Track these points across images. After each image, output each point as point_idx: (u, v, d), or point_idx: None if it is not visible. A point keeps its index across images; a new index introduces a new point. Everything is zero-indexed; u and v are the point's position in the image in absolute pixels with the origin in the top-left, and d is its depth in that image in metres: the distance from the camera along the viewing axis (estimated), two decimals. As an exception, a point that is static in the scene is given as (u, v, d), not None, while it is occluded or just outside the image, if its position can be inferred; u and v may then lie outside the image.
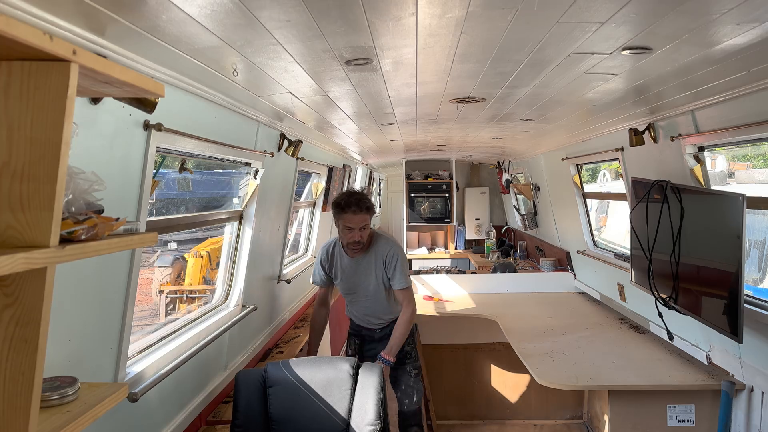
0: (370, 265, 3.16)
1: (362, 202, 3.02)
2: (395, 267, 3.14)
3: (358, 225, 3.02)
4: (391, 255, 3.14)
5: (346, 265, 3.22)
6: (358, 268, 3.19)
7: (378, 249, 3.15)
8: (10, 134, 0.88)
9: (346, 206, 3.00)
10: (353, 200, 3.01)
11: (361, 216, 3.01)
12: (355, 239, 3.04)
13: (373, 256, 3.15)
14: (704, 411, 2.84)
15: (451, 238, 8.46)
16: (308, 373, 2.36)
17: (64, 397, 1.16)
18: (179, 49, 1.60)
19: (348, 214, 3.01)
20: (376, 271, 3.15)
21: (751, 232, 2.73)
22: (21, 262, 0.82)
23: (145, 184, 1.83)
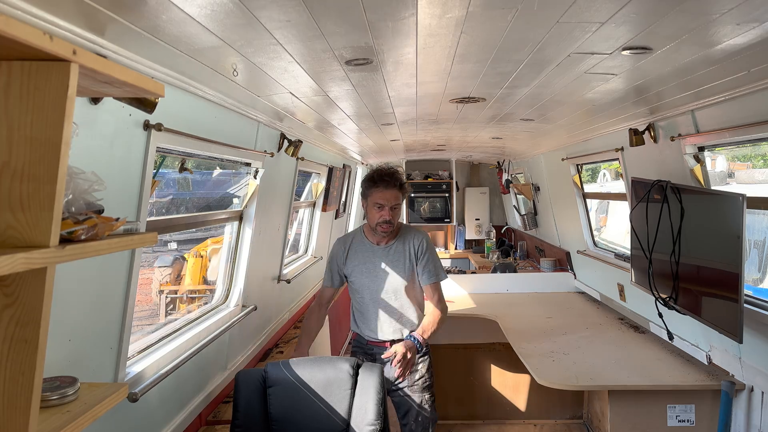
0: (399, 254, 2.82)
1: (395, 177, 2.73)
2: (428, 256, 2.81)
3: (390, 202, 2.71)
4: (422, 243, 2.82)
5: (369, 255, 2.85)
6: (384, 257, 2.83)
7: (407, 237, 2.85)
8: (10, 134, 0.89)
9: (378, 180, 2.72)
10: (385, 174, 2.72)
11: (392, 192, 2.71)
12: (386, 218, 2.71)
13: (402, 244, 2.84)
14: (704, 411, 2.84)
15: (451, 238, 8.46)
16: (308, 373, 2.35)
17: (64, 397, 1.16)
18: (179, 49, 1.60)
19: (379, 188, 2.71)
20: (406, 262, 2.81)
21: (751, 232, 2.73)
22: (21, 262, 0.82)
23: (145, 184, 1.83)
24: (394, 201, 2.72)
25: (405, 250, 2.82)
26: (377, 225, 2.75)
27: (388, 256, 2.83)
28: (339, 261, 2.91)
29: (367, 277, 2.84)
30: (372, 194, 2.74)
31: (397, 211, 2.75)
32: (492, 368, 4.49)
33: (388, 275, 2.81)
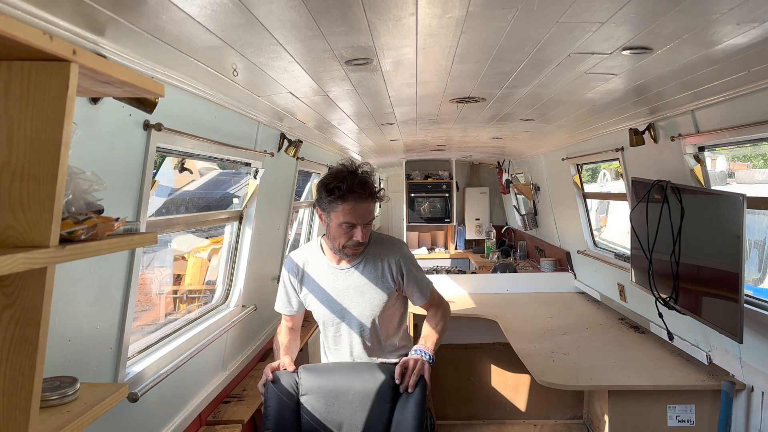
0: (371, 276, 2.23)
1: (368, 186, 2.10)
2: (411, 275, 2.27)
3: (364, 219, 2.09)
4: (401, 261, 2.25)
5: (329, 279, 2.25)
6: (350, 280, 2.24)
7: (380, 254, 2.24)
8: (10, 134, 0.89)
9: (347, 191, 2.05)
10: (356, 183, 2.06)
11: (365, 206, 2.08)
12: (358, 239, 2.11)
13: (374, 263, 2.23)
14: (704, 411, 2.84)
15: (451, 238, 8.46)
16: (346, 382, 2.13)
17: (64, 397, 1.16)
18: (179, 49, 1.60)
19: (348, 203, 2.05)
20: (380, 285, 2.22)
21: (751, 232, 2.73)
22: (21, 262, 0.82)
23: (145, 184, 1.83)
24: (369, 217, 2.11)
25: (379, 271, 2.22)
26: (344, 247, 2.15)
27: (356, 279, 2.22)
28: (294, 284, 2.33)
29: (330, 308, 2.26)
30: (338, 210, 2.08)
31: (369, 227, 2.15)
32: (492, 368, 4.49)
33: (357, 304, 2.23)
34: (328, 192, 2.09)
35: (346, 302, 2.24)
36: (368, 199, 2.09)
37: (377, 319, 2.25)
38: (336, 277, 2.25)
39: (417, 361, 2.11)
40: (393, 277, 2.24)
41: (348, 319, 2.26)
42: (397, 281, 2.25)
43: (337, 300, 2.25)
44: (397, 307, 2.33)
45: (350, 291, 2.23)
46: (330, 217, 2.12)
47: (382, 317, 2.26)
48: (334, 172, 2.12)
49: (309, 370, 2.17)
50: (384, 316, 2.26)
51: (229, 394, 2.94)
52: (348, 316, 2.25)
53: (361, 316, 2.24)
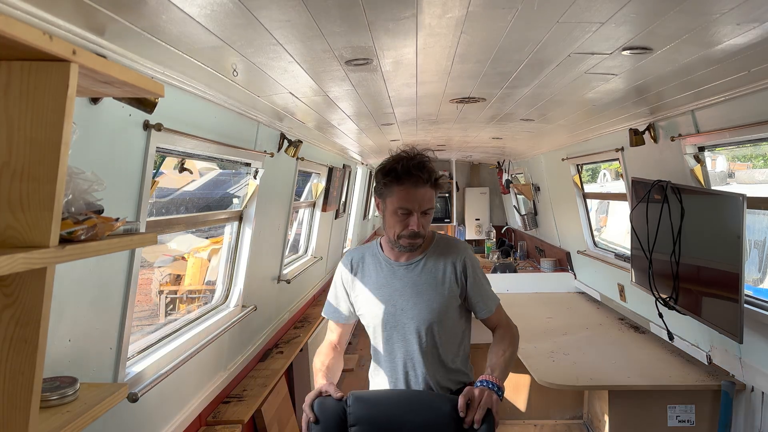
0: (433, 275, 1.97)
1: (427, 170, 1.88)
2: (478, 277, 2.01)
3: (421, 206, 1.88)
4: (466, 261, 1.99)
5: (388, 276, 2.00)
6: (410, 278, 1.98)
7: (444, 252, 2.00)
8: (10, 134, 0.89)
9: (403, 174, 1.85)
10: (413, 165, 1.86)
11: (424, 191, 1.86)
12: (413, 229, 1.88)
13: (437, 261, 1.99)
14: (704, 411, 2.84)
15: (451, 238, 8.46)
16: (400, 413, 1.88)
17: (64, 397, 1.16)
18: (179, 49, 1.60)
19: (405, 187, 1.86)
20: (443, 286, 1.96)
21: (751, 232, 2.73)
22: (21, 262, 0.82)
23: (145, 184, 1.82)
24: (427, 204, 1.90)
25: (442, 271, 1.98)
26: (399, 237, 1.92)
27: (414, 277, 1.98)
28: (345, 285, 2.06)
29: (384, 308, 1.98)
30: (393, 195, 1.89)
31: (428, 218, 1.94)
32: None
33: (414, 305, 1.96)
34: (383, 174, 1.90)
35: (401, 302, 1.96)
36: (426, 185, 1.88)
37: (436, 325, 1.95)
38: (393, 274, 2.00)
39: (483, 391, 1.80)
40: (456, 279, 1.97)
41: (403, 322, 1.96)
42: (460, 284, 1.97)
43: (392, 299, 1.97)
44: (458, 321, 2.01)
45: (407, 290, 1.97)
46: (386, 203, 1.93)
47: (443, 326, 1.96)
48: (395, 155, 1.94)
49: (360, 398, 1.88)
50: (444, 326, 1.96)
51: (229, 394, 2.94)
52: (403, 320, 1.95)
53: (419, 320, 1.94)
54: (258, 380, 3.15)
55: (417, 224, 1.89)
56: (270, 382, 3.13)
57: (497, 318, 2.06)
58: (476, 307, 2.02)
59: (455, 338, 2.01)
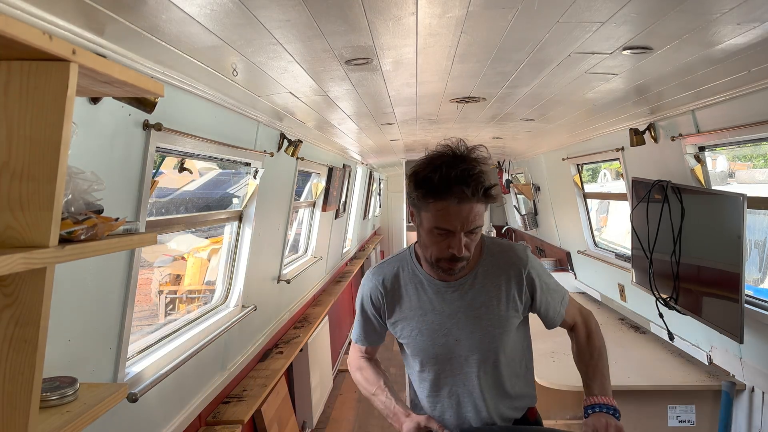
0: (492, 294, 1.62)
1: (473, 177, 1.44)
2: (545, 286, 1.67)
3: (465, 226, 1.47)
4: (532, 268, 1.65)
5: (433, 300, 1.64)
6: (465, 303, 1.62)
7: (500, 262, 1.64)
8: (10, 134, 0.88)
9: (442, 187, 1.44)
10: (456, 174, 1.43)
11: (469, 207, 1.45)
12: (457, 253, 1.49)
13: (495, 276, 1.63)
14: (705, 411, 2.84)
15: (451, 238, 8.45)
16: None
17: (64, 398, 1.16)
18: (179, 49, 1.59)
19: (446, 202, 1.45)
20: (508, 306, 1.62)
21: (751, 232, 2.73)
22: (20, 263, 0.82)
23: (145, 184, 1.82)
24: (474, 222, 1.47)
25: (500, 288, 1.62)
26: (439, 262, 1.55)
27: (468, 299, 1.62)
28: (377, 306, 1.71)
29: (435, 340, 1.63)
30: (429, 211, 1.49)
31: (476, 236, 1.53)
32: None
33: (470, 335, 1.61)
34: (416, 184, 1.49)
35: (455, 332, 1.60)
36: (471, 200, 1.44)
37: (501, 355, 1.62)
38: (441, 297, 1.63)
39: (610, 426, 1.50)
40: (519, 296, 1.62)
41: (458, 355, 1.62)
42: (524, 301, 1.63)
43: (443, 329, 1.61)
44: (520, 339, 1.69)
45: (461, 316, 1.61)
46: (420, 217, 1.53)
47: (505, 352, 1.63)
48: (431, 156, 1.51)
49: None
50: (506, 351, 1.63)
51: (229, 394, 2.94)
52: (458, 352, 1.61)
53: (478, 351, 1.61)
54: (258, 380, 3.15)
55: (459, 248, 1.48)
56: (270, 382, 3.12)
57: (571, 316, 1.73)
58: (547, 319, 1.71)
59: (517, 360, 1.69)
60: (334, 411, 4.95)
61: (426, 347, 1.64)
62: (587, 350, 1.70)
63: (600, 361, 1.67)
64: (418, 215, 1.55)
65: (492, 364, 1.63)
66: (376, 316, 1.73)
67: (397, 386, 1.92)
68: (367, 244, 9.86)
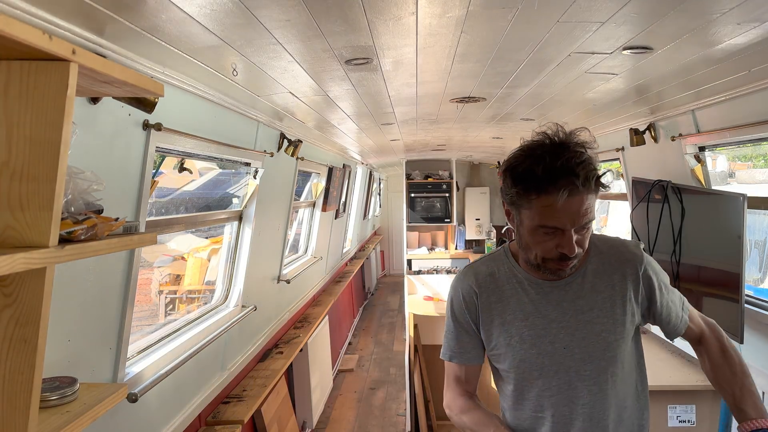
0: (604, 295, 1.40)
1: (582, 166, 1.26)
2: (664, 286, 1.45)
3: (576, 221, 1.28)
4: (648, 265, 1.44)
5: (536, 303, 1.42)
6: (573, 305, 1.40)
7: (610, 258, 1.44)
8: (10, 134, 0.88)
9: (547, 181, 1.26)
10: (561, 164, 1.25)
11: (581, 199, 1.26)
12: (568, 253, 1.30)
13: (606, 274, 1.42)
14: (705, 411, 2.83)
15: (451, 238, 8.46)
16: None
17: (64, 398, 1.16)
18: (179, 49, 1.59)
19: (552, 197, 1.25)
20: (622, 308, 1.40)
21: (751, 232, 2.73)
22: (20, 262, 0.82)
23: (145, 184, 1.82)
24: (585, 217, 1.28)
25: (611, 286, 1.41)
26: (544, 262, 1.35)
27: (578, 301, 1.40)
28: (468, 313, 1.49)
29: (539, 347, 1.40)
30: (532, 208, 1.30)
31: (588, 232, 1.33)
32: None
33: (581, 341, 1.38)
34: (515, 179, 1.31)
35: (563, 337, 1.38)
36: (582, 191, 1.25)
37: (618, 368, 1.39)
38: (545, 298, 1.41)
39: None
40: (636, 299, 1.41)
41: (566, 367, 1.38)
42: (642, 305, 1.42)
43: (549, 335, 1.39)
44: (635, 352, 1.46)
45: (569, 320, 1.39)
46: (520, 216, 1.35)
47: (624, 366, 1.41)
48: (530, 146, 1.33)
49: None
50: (626, 365, 1.41)
51: (229, 394, 2.94)
52: (567, 363, 1.38)
53: (591, 362, 1.38)
54: (258, 380, 3.15)
55: (571, 247, 1.28)
56: (270, 382, 3.12)
57: (696, 323, 1.50)
58: (668, 326, 1.48)
59: (632, 372, 1.45)
60: (334, 411, 4.95)
61: (528, 357, 1.40)
62: (726, 367, 1.42)
63: (745, 377, 1.40)
64: (518, 214, 1.35)
65: (607, 379, 1.38)
66: (470, 323, 1.49)
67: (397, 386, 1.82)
68: (367, 244, 9.87)
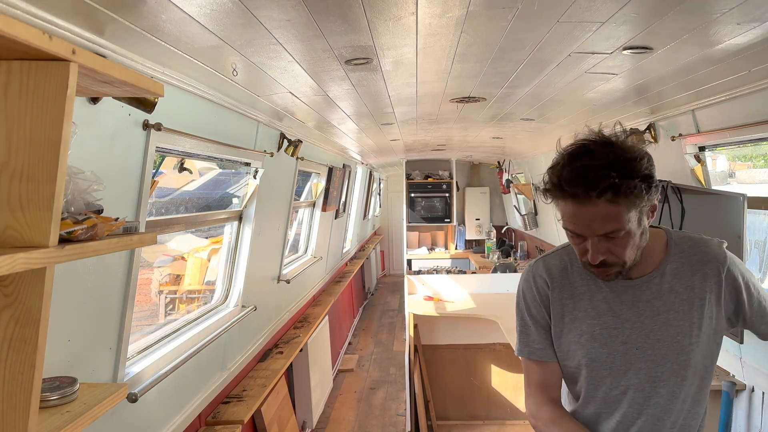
0: (683, 296, 1.35)
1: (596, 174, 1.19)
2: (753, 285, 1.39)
3: (594, 230, 1.24)
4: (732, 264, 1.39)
5: (612, 303, 1.37)
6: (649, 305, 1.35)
7: (692, 257, 1.39)
8: (10, 134, 0.88)
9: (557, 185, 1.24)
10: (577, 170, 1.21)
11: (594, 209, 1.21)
12: (591, 261, 1.28)
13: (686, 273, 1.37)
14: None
15: (451, 238, 8.46)
16: None
17: (64, 398, 1.16)
18: (179, 49, 1.59)
19: (568, 202, 1.24)
20: (702, 310, 1.34)
21: (751, 232, 2.73)
22: (20, 262, 0.82)
23: (145, 184, 1.82)
24: (605, 227, 1.23)
25: (691, 288, 1.35)
26: (583, 264, 1.34)
27: (654, 302, 1.35)
28: (542, 306, 1.43)
29: (609, 346, 1.36)
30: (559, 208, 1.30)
31: (621, 241, 1.26)
32: (492, 368, 4.49)
33: (659, 341, 1.34)
34: (546, 178, 1.28)
35: (636, 338, 1.34)
36: (597, 200, 1.19)
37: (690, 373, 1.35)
38: (619, 298, 1.36)
39: None
40: (718, 302, 1.35)
41: (637, 368, 1.34)
42: (726, 309, 1.35)
43: (621, 334, 1.35)
44: (708, 355, 1.38)
45: (645, 320, 1.34)
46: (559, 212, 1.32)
47: (697, 372, 1.36)
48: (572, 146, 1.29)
49: None
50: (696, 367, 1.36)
51: (229, 394, 2.94)
52: (638, 363, 1.34)
53: (662, 364, 1.33)
54: (258, 380, 3.15)
55: (594, 255, 1.26)
56: (270, 382, 3.13)
57: None
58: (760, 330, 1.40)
59: (707, 379, 1.41)
60: (334, 411, 4.95)
61: (599, 356, 1.35)
62: None
63: None
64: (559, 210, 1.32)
65: (677, 383, 1.33)
66: (545, 317, 1.41)
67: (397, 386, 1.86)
68: (367, 244, 9.87)
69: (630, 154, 1.24)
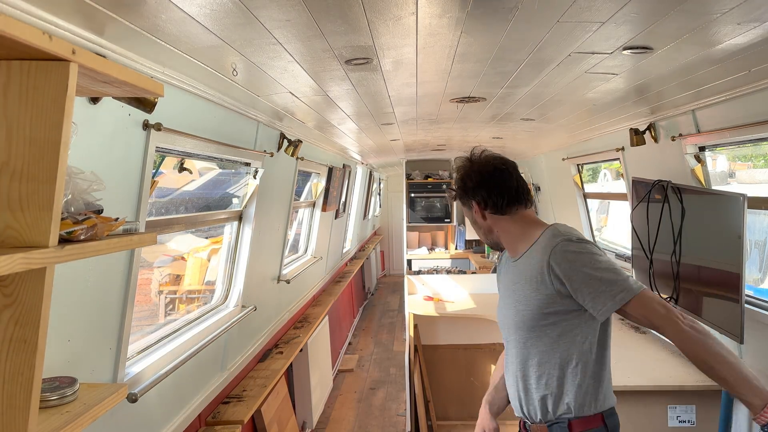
0: (526, 270, 1.70)
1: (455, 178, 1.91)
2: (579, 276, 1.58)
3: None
4: (557, 257, 1.60)
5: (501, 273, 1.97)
6: (512, 275, 1.80)
7: (537, 247, 1.69)
8: (10, 134, 0.88)
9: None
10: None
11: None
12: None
13: (530, 257, 1.71)
14: (705, 412, 2.83)
15: (451, 238, 8.46)
16: None
17: (64, 398, 1.16)
18: (179, 49, 1.59)
19: None
20: (526, 286, 1.68)
21: (752, 232, 2.73)
22: (20, 263, 0.82)
23: (145, 184, 1.82)
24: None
25: (530, 269, 1.68)
26: None
27: (513, 273, 1.79)
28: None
29: (499, 311, 1.90)
30: None
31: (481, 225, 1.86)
32: (492, 368, 4.49)
33: (512, 304, 1.76)
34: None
35: (502, 302, 1.85)
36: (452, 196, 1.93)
37: (525, 332, 1.69)
38: (509, 270, 1.85)
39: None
40: (543, 282, 1.63)
41: (503, 327, 1.85)
42: (556, 289, 1.61)
43: (501, 301, 1.89)
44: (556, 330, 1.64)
45: (508, 288, 1.81)
46: None
47: (532, 335, 1.68)
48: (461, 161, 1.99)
49: None
50: (535, 334, 1.67)
51: (229, 394, 2.94)
52: (503, 324, 1.84)
53: (509, 323, 1.77)
54: (258, 380, 3.15)
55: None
56: (270, 382, 3.13)
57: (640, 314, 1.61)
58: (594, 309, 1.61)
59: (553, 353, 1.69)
60: (333, 411, 4.95)
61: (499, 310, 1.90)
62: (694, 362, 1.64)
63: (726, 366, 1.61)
64: None
65: (519, 341, 1.73)
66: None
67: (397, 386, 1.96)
68: (367, 244, 9.87)
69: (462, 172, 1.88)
